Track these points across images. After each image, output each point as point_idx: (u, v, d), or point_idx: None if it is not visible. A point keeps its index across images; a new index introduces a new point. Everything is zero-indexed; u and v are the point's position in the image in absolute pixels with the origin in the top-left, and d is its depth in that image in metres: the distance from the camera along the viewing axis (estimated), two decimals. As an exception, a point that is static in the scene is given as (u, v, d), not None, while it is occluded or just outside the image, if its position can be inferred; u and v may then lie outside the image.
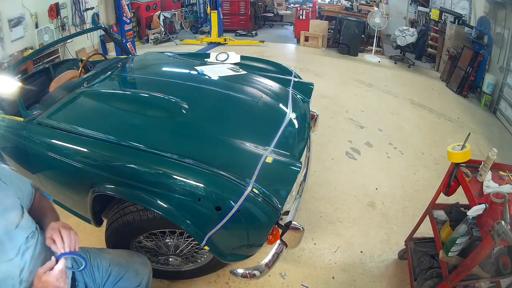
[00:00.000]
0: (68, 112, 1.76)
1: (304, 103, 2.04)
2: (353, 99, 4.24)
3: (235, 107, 1.80)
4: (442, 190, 1.57)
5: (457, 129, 3.75)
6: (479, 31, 4.84)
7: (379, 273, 1.92)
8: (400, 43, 5.88)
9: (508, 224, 1.08)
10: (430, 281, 1.60)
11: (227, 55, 2.40)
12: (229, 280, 1.79)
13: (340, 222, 2.24)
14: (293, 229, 1.35)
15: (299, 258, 1.96)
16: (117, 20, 4.89)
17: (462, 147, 1.41)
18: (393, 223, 2.26)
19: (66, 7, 5.04)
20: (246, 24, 7.80)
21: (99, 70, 2.18)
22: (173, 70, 2.36)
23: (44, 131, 1.60)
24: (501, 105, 4.24)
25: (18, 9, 4.26)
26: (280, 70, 2.36)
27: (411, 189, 2.62)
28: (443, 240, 1.48)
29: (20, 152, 1.67)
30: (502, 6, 4.29)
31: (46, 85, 2.45)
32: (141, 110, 1.67)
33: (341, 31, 6.31)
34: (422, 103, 4.29)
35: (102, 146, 1.42)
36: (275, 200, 1.26)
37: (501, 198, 1.21)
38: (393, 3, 7.47)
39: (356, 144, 3.18)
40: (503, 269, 1.32)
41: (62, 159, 1.46)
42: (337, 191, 2.53)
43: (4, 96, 2.18)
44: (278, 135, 1.57)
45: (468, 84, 4.71)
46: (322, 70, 5.25)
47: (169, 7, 7.38)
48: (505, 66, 4.23)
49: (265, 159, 1.39)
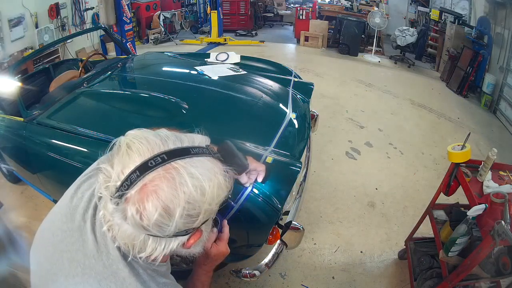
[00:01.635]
0: (68, 112, 1.76)
1: (304, 103, 2.03)
2: (353, 99, 4.24)
3: (235, 107, 1.80)
4: (442, 190, 1.57)
5: (457, 129, 3.75)
6: (479, 31, 4.84)
7: (379, 273, 1.91)
8: (400, 43, 5.88)
9: (508, 224, 1.08)
10: (430, 281, 1.60)
11: (227, 55, 2.40)
12: (229, 280, 1.79)
13: (340, 222, 2.24)
14: (293, 229, 1.35)
15: (299, 258, 1.96)
16: (117, 20, 4.88)
17: (462, 147, 1.41)
18: (393, 223, 2.26)
19: (66, 7, 5.04)
20: (246, 24, 7.80)
21: (99, 70, 2.18)
22: (173, 70, 2.36)
23: (44, 131, 1.60)
24: (501, 105, 4.24)
25: (18, 9, 4.27)
26: (280, 70, 2.36)
27: (411, 189, 2.62)
28: (443, 240, 1.48)
29: (20, 152, 1.67)
30: (502, 6, 4.30)
31: (46, 85, 2.45)
32: (141, 110, 1.67)
33: (341, 31, 6.31)
34: (422, 103, 4.29)
35: (102, 146, 1.42)
36: (275, 200, 1.26)
37: (501, 198, 1.21)
38: (393, 3, 7.47)
39: (356, 144, 3.18)
40: (503, 269, 1.32)
41: (62, 159, 1.46)
42: (337, 191, 2.53)
43: (4, 96, 2.19)
44: (278, 135, 1.57)
45: (468, 84, 4.71)
46: (322, 70, 5.24)
47: (169, 7, 7.38)
48: (505, 66, 4.23)
49: (265, 159, 1.39)
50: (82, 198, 0.65)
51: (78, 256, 0.59)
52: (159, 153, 0.52)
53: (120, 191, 0.50)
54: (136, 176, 0.50)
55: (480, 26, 4.87)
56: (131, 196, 0.50)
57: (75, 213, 0.63)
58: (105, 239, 0.58)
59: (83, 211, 0.63)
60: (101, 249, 0.58)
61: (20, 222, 2.16)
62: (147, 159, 0.51)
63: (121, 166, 0.52)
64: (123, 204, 0.50)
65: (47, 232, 0.65)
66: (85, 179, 0.70)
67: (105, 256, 0.58)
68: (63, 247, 0.60)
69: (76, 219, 0.62)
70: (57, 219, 0.65)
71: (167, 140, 0.55)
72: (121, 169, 0.51)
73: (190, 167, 0.52)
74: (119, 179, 0.51)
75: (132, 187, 0.50)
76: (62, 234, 0.61)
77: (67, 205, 0.65)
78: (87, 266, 0.58)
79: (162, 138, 0.55)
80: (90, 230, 0.60)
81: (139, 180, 0.50)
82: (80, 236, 0.60)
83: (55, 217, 0.66)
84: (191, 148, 0.55)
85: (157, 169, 0.50)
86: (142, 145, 0.53)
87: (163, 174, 0.50)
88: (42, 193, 1.94)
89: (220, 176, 0.56)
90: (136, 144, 0.53)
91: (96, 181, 0.60)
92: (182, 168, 0.51)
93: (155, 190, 0.49)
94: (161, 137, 0.55)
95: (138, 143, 0.53)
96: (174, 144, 0.55)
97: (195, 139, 0.59)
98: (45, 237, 0.65)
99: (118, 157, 0.53)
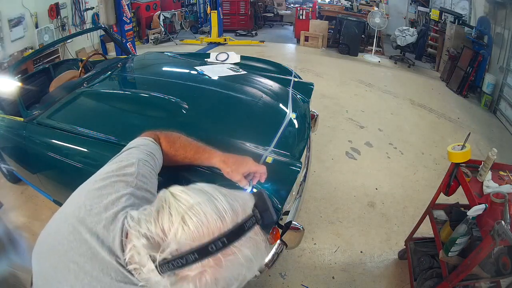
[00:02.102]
0: (68, 112, 1.76)
1: (304, 103, 2.03)
2: (353, 99, 4.24)
3: (235, 107, 1.80)
4: (442, 190, 1.57)
5: (457, 129, 3.75)
6: (479, 31, 4.84)
7: (379, 273, 1.92)
8: (400, 43, 5.88)
9: (508, 224, 1.08)
10: (430, 281, 1.60)
11: (227, 55, 2.40)
12: (229, 280, 1.79)
13: (340, 222, 2.24)
14: (293, 229, 1.35)
15: (299, 258, 1.96)
16: (117, 20, 4.88)
17: (462, 147, 1.41)
18: (393, 223, 2.26)
19: (66, 7, 5.04)
20: (246, 24, 7.80)
21: (99, 70, 2.17)
22: (173, 70, 2.36)
23: (44, 131, 1.60)
24: (501, 105, 4.24)
25: (18, 9, 4.27)
26: (280, 70, 2.36)
27: (411, 189, 2.62)
28: (443, 240, 1.48)
29: (20, 152, 1.67)
30: (502, 6, 4.30)
31: (46, 85, 2.45)
32: (141, 110, 1.67)
33: (341, 31, 6.31)
34: (422, 103, 4.29)
35: (102, 146, 1.42)
36: (275, 200, 1.25)
37: (501, 198, 1.21)
38: (393, 3, 7.47)
39: (356, 144, 3.18)
40: (503, 269, 1.32)
41: (62, 159, 1.46)
42: (337, 191, 2.53)
43: (4, 96, 2.19)
44: (278, 135, 1.57)
45: (468, 84, 4.71)
46: (322, 70, 5.24)
47: (169, 7, 7.38)
48: (505, 66, 4.23)
49: (265, 159, 1.38)
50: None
51: (86, 268, 0.58)
52: (220, 236, 0.50)
53: (172, 265, 0.48)
54: (193, 258, 0.48)
55: (480, 26, 4.87)
56: (187, 276, 0.49)
57: (85, 225, 0.61)
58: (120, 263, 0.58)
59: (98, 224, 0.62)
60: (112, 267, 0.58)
61: (20, 222, 2.15)
62: (207, 243, 0.49)
63: (176, 245, 0.49)
64: (173, 277, 0.49)
65: (52, 239, 0.63)
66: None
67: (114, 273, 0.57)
68: (70, 257, 0.59)
69: (85, 232, 0.60)
70: (63, 227, 0.63)
71: (225, 217, 0.52)
72: (176, 247, 0.49)
73: (246, 249, 0.51)
74: (171, 254, 0.49)
75: (187, 267, 0.48)
76: (69, 244, 0.60)
77: (75, 215, 0.63)
78: (95, 278, 0.57)
79: (220, 214, 0.52)
80: (101, 244, 0.59)
81: (197, 263, 0.48)
82: (89, 249, 0.59)
83: (61, 225, 0.64)
84: (245, 224, 0.53)
85: (217, 254, 0.49)
86: (202, 226, 0.50)
87: (223, 260, 0.49)
88: (42, 193, 1.93)
89: (263, 249, 0.56)
90: (194, 222, 0.50)
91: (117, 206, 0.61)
92: (239, 252, 0.51)
93: (215, 277, 0.49)
94: (219, 213, 0.52)
95: (197, 221, 0.50)
96: (232, 221, 0.52)
97: (245, 203, 0.57)
98: (50, 243, 0.63)
99: (168, 223, 0.50)
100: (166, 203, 0.53)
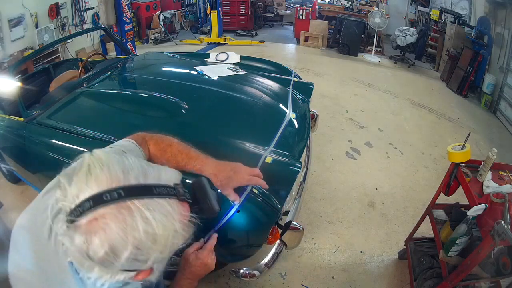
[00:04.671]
0: (68, 112, 1.76)
1: (304, 103, 2.03)
2: (353, 99, 4.23)
3: (235, 107, 1.80)
4: (442, 190, 1.57)
5: (457, 129, 3.75)
6: (479, 31, 4.84)
7: (379, 273, 1.91)
8: (400, 43, 5.88)
9: (508, 224, 1.08)
10: (430, 281, 1.60)
11: (227, 55, 2.40)
12: (229, 280, 1.79)
13: (340, 222, 2.24)
14: (293, 229, 1.35)
15: (299, 258, 1.96)
16: (117, 20, 4.89)
17: (462, 147, 1.41)
18: (393, 223, 2.26)
19: (66, 7, 5.04)
20: (246, 24, 7.80)
21: (99, 70, 2.17)
22: (173, 70, 2.36)
23: (44, 131, 1.60)
24: (501, 105, 4.24)
25: (18, 9, 4.27)
26: (280, 70, 2.36)
27: (411, 189, 2.62)
28: (443, 240, 1.48)
29: (20, 152, 1.67)
30: (502, 6, 4.30)
31: (46, 85, 2.45)
32: (141, 110, 1.67)
33: (341, 31, 6.31)
34: (422, 103, 4.28)
35: (102, 146, 1.41)
36: (275, 200, 1.25)
37: (501, 198, 1.21)
38: (393, 3, 7.47)
39: (356, 144, 3.18)
40: (503, 269, 1.32)
41: (62, 159, 1.46)
42: (337, 191, 2.53)
43: (4, 96, 2.19)
44: (278, 135, 1.57)
45: (468, 84, 4.71)
46: (322, 70, 5.24)
47: (169, 7, 7.38)
48: (505, 66, 4.23)
49: (265, 159, 1.38)
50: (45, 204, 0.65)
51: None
52: (117, 188, 0.49)
53: (72, 215, 0.48)
54: (89, 205, 0.48)
55: (480, 26, 4.87)
56: (80, 225, 0.48)
57: (39, 216, 0.65)
58: (59, 250, 0.57)
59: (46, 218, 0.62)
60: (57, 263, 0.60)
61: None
62: (103, 191, 0.49)
63: (77, 190, 0.50)
64: (72, 229, 0.48)
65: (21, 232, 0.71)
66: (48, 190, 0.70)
67: (57, 267, 0.59)
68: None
69: (38, 222, 0.64)
70: (26, 220, 0.69)
71: (130, 173, 0.52)
72: (76, 192, 0.49)
73: (146, 210, 0.49)
74: (73, 202, 0.49)
75: (83, 216, 0.48)
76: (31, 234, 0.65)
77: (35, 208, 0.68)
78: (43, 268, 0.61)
79: (125, 169, 0.52)
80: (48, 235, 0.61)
81: (91, 211, 0.48)
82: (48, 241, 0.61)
83: (27, 218, 0.70)
84: (154, 187, 0.52)
85: (110, 205, 0.48)
86: (102, 173, 0.50)
87: (115, 212, 0.48)
88: (42, 193, 1.93)
89: (177, 224, 0.52)
90: (96, 170, 0.51)
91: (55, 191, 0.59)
92: (137, 210, 0.49)
93: (103, 228, 0.47)
94: (125, 168, 0.52)
95: (99, 169, 0.51)
96: (136, 179, 0.52)
97: (164, 175, 0.56)
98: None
99: (76, 177, 0.51)
100: (84, 160, 0.54)
